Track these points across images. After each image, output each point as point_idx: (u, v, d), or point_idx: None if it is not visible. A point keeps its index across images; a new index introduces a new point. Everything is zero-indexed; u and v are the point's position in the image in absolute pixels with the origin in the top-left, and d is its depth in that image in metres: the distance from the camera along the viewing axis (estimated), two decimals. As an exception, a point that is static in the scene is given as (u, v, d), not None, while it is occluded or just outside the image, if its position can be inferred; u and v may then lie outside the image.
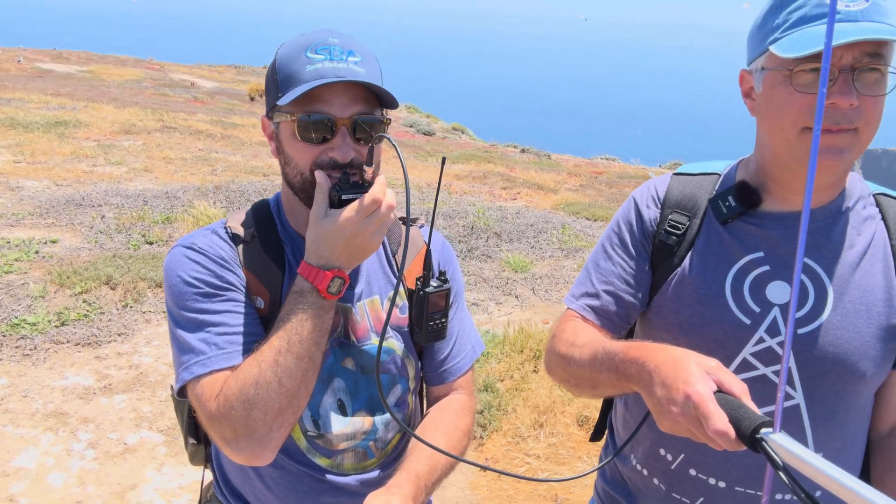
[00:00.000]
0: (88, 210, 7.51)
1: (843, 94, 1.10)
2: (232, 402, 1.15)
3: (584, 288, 1.47)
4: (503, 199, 10.86)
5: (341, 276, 1.19)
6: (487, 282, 6.58)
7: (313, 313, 1.18)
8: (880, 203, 1.34)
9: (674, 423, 0.97)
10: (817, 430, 1.30)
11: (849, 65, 1.11)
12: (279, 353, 1.16)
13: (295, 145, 1.23)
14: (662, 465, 1.43)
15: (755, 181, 1.33)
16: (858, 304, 1.27)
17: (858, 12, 1.11)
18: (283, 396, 1.16)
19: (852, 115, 1.12)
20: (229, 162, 11.47)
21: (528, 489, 3.58)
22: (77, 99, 17.80)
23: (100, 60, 32.15)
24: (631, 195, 1.49)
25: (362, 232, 1.17)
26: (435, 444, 1.33)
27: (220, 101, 23.43)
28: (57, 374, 4.28)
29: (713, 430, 0.89)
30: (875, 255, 1.29)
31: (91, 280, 5.40)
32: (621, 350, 1.17)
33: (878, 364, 1.28)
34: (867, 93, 1.12)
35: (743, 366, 1.30)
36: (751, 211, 1.32)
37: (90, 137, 12.36)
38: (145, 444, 3.69)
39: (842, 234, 1.29)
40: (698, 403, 0.92)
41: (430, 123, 25.63)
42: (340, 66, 1.19)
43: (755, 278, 1.29)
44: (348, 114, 1.20)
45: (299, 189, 1.27)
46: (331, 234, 1.16)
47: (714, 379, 0.96)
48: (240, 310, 1.25)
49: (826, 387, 1.28)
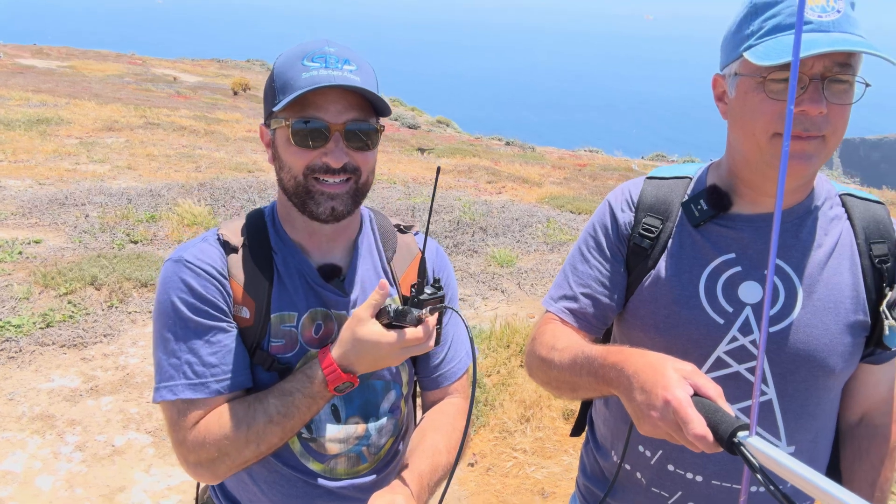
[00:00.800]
0: (72, 209, 7.46)
1: (814, 102, 1.14)
2: (207, 443, 1.23)
3: (562, 291, 1.50)
4: (488, 193, 10.89)
5: (353, 381, 1.23)
6: (474, 277, 6.61)
7: (313, 402, 1.23)
8: (846, 203, 1.38)
9: (653, 428, 1.00)
10: (789, 424, 1.35)
11: (819, 74, 1.14)
12: (270, 423, 1.22)
13: (289, 150, 1.25)
14: (642, 461, 1.47)
15: (726, 185, 1.37)
16: (827, 302, 1.31)
17: (830, 23, 1.14)
18: (254, 455, 1.25)
19: (821, 123, 1.16)
20: (213, 158, 11.41)
21: (516, 483, 3.63)
22: (58, 95, 17.62)
23: (81, 56, 31.83)
24: (606, 199, 1.52)
25: (393, 356, 1.20)
26: (434, 447, 1.37)
27: (204, 96, 23.28)
28: (43, 377, 4.27)
29: (692, 434, 0.91)
30: (842, 254, 1.34)
31: (76, 281, 5.38)
32: (600, 355, 1.20)
33: (847, 359, 1.33)
34: (836, 101, 1.15)
35: (717, 364, 1.33)
36: (722, 214, 1.35)
37: (72, 135, 12.26)
38: (133, 445, 3.69)
39: (810, 235, 1.33)
40: (677, 409, 0.94)
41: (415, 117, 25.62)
42: (335, 73, 1.21)
43: (727, 279, 1.33)
44: (342, 120, 1.23)
45: (293, 194, 1.29)
46: (367, 345, 1.18)
47: (691, 383, 0.99)
48: (215, 339, 1.27)
49: (797, 382, 1.32)
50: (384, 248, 1.48)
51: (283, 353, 1.33)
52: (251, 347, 1.32)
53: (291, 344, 1.33)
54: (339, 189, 1.27)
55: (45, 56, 30.01)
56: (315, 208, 1.27)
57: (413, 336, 1.16)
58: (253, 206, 8.04)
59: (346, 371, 1.20)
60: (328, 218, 1.29)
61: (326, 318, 1.36)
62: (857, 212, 1.37)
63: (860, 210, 1.38)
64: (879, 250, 1.34)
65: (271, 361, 1.32)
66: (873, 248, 1.34)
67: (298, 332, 1.34)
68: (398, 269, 1.48)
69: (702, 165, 1.48)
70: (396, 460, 1.52)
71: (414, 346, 1.18)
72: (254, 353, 1.32)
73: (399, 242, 1.51)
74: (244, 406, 1.24)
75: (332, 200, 1.27)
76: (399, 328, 1.17)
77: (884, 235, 1.36)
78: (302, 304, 1.34)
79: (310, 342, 1.35)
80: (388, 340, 1.16)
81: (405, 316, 1.16)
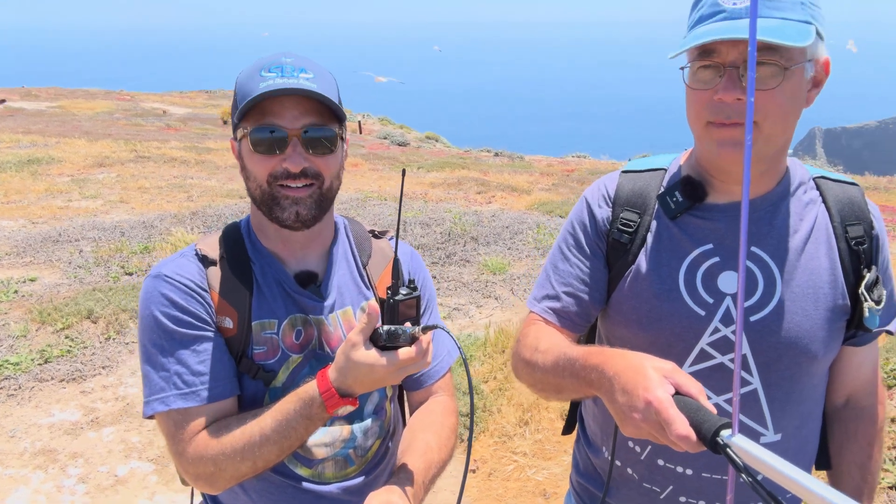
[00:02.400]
0: (66, 245, 7.50)
1: (727, 90, 1.15)
2: (205, 458, 1.26)
3: (544, 290, 1.49)
4: (478, 204, 10.95)
5: (353, 404, 1.24)
6: (467, 286, 6.65)
7: (311, 423, 1.25)
8: (820, 186, 1.37)
9: (636, 429, 1.00)
10: (775, 412, 1.34)
11: (734, 61, 1.15)
12: (266, 441, 1.25)
13: (252, 158, 1.29)
14: (633, 457, 1.47)
15: (698, 175, 1.36)
16: (806, 288, 1.30)
17: (743, 9, 1.14)
18: (251, 471, 1.27)
19: (743, 109, 1.15)
20: (205, 187, 11.47)
21: (517, 486, 3.65)
22: (48, 135, 17.70)
23: (70, 95, 31.97)
24: (583, 195, 1.51)
25: (389, 377, 1.20)
26: (426, 445, 1.38)
27: (194, 127, 23.38)
28: (43, 412, 4.30)
29: (675, 434, 0.91)
30: (818, 239, 1.33)
31: (72, 315, 5.41)
32: (581, 356, 1.19)
33: (828, 344, 1.33)
34: (760, 87, 1.14)
35: (701, 356, 1.33)
36: (697, 204, 1.34)
37: (64, 173, 12.31)
38: (136, 474, 3.71)
39: (785, 221, 1.32)
40: (659, 409, 0.94)
41: (404, 134, 25.72)
42: (290, 81, 1.24)
43: (706, 270, 1.33)
44: (299, 125, 1.27)
45: (260, 202, 1.33)
46: (363, 369, 1.18)
47: (672, 382, 0.98)
48: (201, 348, 1.31)
49: (781, 370, 1.32)
50: (359, 254, 1.52)
51: (266, 360, 1.36)
52: (237, 356, 1.35)
53: (273, 350, 1.37)
54: (301, 193, 1.30)
55: (34, 98, 30.15)
56: (280, 213, 1.31)
57: (407, 357, 1.17)
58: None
59: (343, 395, 1.21)
60: (294, 223, 1.32)
61: (306, 323, 1.40)
62: (832, 194, 1.36)
63: (835, 192, 1.36)
64: (855, 232, 1.33)
65: (256, 370, 1.35)
66: (849, 231, 1.33)
67: (280, 339, 1.37)
68: (374, 273, 1.51)
69: (675, 156, 1.47)
70: (385, 461, 1.54)
71: (409, 365, 1.18)
72: (239, 361, 1.35)
73: (374, 247, 1.54)
74: (241, 424, 1.27)
75: (296, 205, 1.30)
76: (393, 349, 1.18)
77: (859, 217, 1.35)
78: (281, 312, 1.38)
79: (291, 348, 1.38)
80: (383, 363, 1.17)
81: (398, 337, 1.17)
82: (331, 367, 1.23)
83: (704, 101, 1.21)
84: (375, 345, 1.18)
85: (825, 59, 1.22)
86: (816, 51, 1.19)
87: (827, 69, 1.23)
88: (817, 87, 1.24)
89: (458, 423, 1.54)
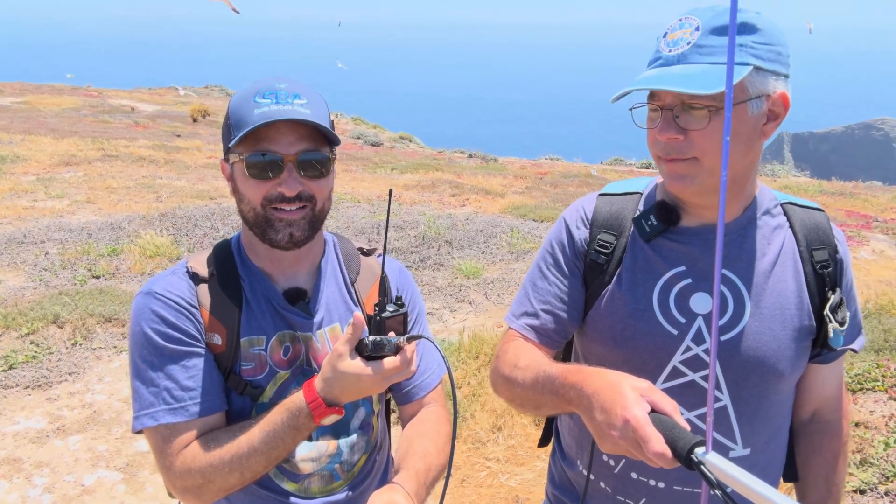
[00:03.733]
0: (31, 247, 7.35)
1: (662, 131, 1.23)
2: (193, 471, 1.27)
3: (523, 307, 1.52)
4: (452, 207, 10.96)
5: (339, 413, 1.26)
6: (441, 290, 6.66)
7: (298, 433, 1.26)
8: (787, 212, 1.43)
9: (614, 445, 1.03)
10: (744, 428, 1.39)
11: (671, 104, 1.22)
12: (254, 452, 1.26)
13: (246, 183, 1.32)
14: (606, 470, 1.50)
15: (671, 200, 1.41)
16: (774, 310, 1.36)
17: (675, 56, 1.22)
18: (239, 482, 1.29)
19: (681, 147, 1.23)
20: (174, 187, 11.31)
21: (490, 493, 3.66)
22: (13, 132, 17.30)
23: (35, 90, 31.28)
24: (561, 216, 1.56)
25: (375, 386, 1.22)
26: (424, 449, 1.41)
27: (163, 125, 23.04)
28: (7, 420, 4.20)
29: (652, 451, 0.94)
30: (786, 262, 1.38)
31: (37, 320, 5.30)
32: (560, 374, 1.22)
33: (794, 362, 1.38)
34: (692, 127, 1.21)
35: (673, 373, 1.37)
36: (671, 228, 1.40)
37: (29, 172, 12.06)
38: (103, 483, 3.65)
39: (753, 245, 1.37)
40: (636, 427, 0.97)
41: (378, 134, 25.64)
42: (286, 108, 1.28)
43: (679, 291, 1.38)
44: (294, 151, 1.30)
45: (253, 224, 1.36)
46: (349, 379, 1.20)
47: (648, 400, 1.01)
48: (191, 363, 1.33)
49: (750, 387, 1.37)
50: (348, 271, 1.54)
51: (254, 376, 1.39)
52: (225, 372, 1.37)
53: (261, 367, 1.39)
54: (295, 216, 1.33)
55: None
56: (274, 236, 1.34)
57: (392, 366, 1.19)
58: (216, 233, 7.99)
59: (330, 404, 1.23)
60: (287, 244, 1.35)
61: (294, 340, 1.42)
62: (798, 220, 1.42)
63: (801, 218, 1.42)
64: (820, 256, 1.39)
65: (244, 386, 1.38)
66: (814, 255, 1.39)
67: (268, 355, 1.40)
68: (362, 290, 1.54)
69: (651, 180, 1.52)
70: (371, 476, 1.57)
71: (394, 374, 1.21)
72: (227, 377, 1.37)
73: (362, 265, 1.57)
74: (229, 436, 1.29)
75: (290, 227, 1.33)
76: (378, 359, 1.20)
77: (824, 241, 1.41)
78: (270, 328, 1.40)
79: (279, 364, 1.41)
80: (368, 373, 1.19)
81: (383, 347, 1.20)
82: (317, 378, 1.25)
83: (653, 139, 1.28)
84: (361, 355, 1.21)
85: (779, 93, 1.25)
86: (765, 87, 1.23)
87: (785, 103, 1.26)
88: (775, 121, 1.28)
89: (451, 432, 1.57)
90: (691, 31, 1.21)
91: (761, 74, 1.21)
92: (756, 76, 1.20)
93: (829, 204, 13.06)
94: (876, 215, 12.13)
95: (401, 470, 1.35)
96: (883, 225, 10.99)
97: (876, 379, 4.30)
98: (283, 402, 1.27)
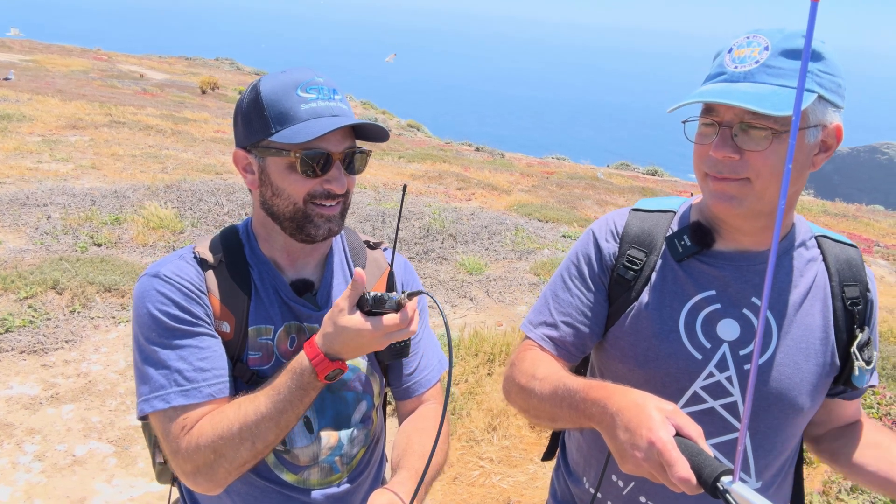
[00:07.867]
0: (33, 210, 7.30)
1: (717, 148, 1.20)
2: (202, 447, 1.23)
3: (542, 317, 1.49)
4: (458, 200, 10.93)
5: (343, 367, 1.25)
6: (443, 284, 6.63)
7: (305, 393, 1.24)
8: (821, 245, 1.41)
9: (636, 467, 1.01)
10: (759, 461, 1.38)
11: (730, 121, 1.19)
12: (262, 419, 1.22)
13: (289, 178, 1.30)
14: (615, 491, 1.49)
15: (707, 221, 1.39)
16: (800, 343, 1.34)
17: (741, 74, 1.19)
18: (251, 454, 1.24)
19: (735, 167, 1.20)
20: (181, 159, 11.25)
21: (482, 492, 3.65)
22: (20, 90, 17.21)
23: (45, 50, 31.13)
24: (590, 228, 1.53)
25: (375, 343, 1.21)
26: (423, 448, 1.40)
27: (171, 94, 22.94)
28: (1, 384, 4.17)
29: (677, 476, 0.93)
30: (816, 296, 1.36)
31: (36, 284, 5.27)
32: (582, 389, 1.20)
33: (814, 398, 1.37)
34: (750, 148, 1.18)
35: (693, 399, 1.35)
36: (704, 250, 1.37)
37: (35, 132, 11.99)
38: (95, 455, 3.63)
39: (787, 276, 1.36)
40: (662, 451, 0.95)
41: (386, 120, 25.60)
42: (332, 104, 1.30)
43: (707, 315, 1.35)
44: (341, 149, 1.31)
45: (289, 219, 1.34)
46: (349, 334, 1.20)
47: (673, 423, 1.00)
48: (203, 345, 1.30)
49: (769, 420, 1.35)
50: (354, 264, 1.54)
51: (260, 366, 1.38)
52: (232, 361, 1.35)
53: (268, 356, 1.38)
54: (334, 211, 1.35)
55: (7, 49, 29.28)
56: (314, 231, 1.34)
57: (391, 322, 1.19)
58: (220, 209, 7.95)
59: (332, 359, 1.22)
60: (325, 239, 1.36)
61: (300, 331, 1.41)
62: (832, 254, 1.40)
63: (835, 252, 1.40)
64: (852, 293, 1.37)
65: (250, 375, 1.36)
66: (846, 291, 1.37)
67: (275, 346, 1.39)
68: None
69: (685, 200, 1.50)
70: (369, 469, 1.57)
71: (395, 331, 1.20)
72: (234, 365, 1.36)
73: (368, 258, 1.56)
74: (235, 406, 1.26)
75: (329, 223, 1.34)
76: (379, 315, 1.20)
77: (856, 278, 1.39)
78: (277, 318, 1.39)
79: (285, 354, 1.39)
80: (368, 328, 1.18)
81: (384, 303, 1.19)
82: (317, 334, 1.24)
83: (703, 155, 1.25)
84: (361, 310, 1.20)
85: (835, 125, 1.23)
86: (823, 117, 1.21)
87: (839, 135, 1.24)
88: (826, 152, 1.26)
89: (449, 430, 1.56)
90: (760, 49, 1.19)
91: (822, 104, 1.19)
92: (818, 105, 1.19)
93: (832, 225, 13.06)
94: (877, 240, 12.14)
95: (401, 468, 1.34)
96: (884, 250, 11.00)
97: (871, 406, 4.29)
98: (287, 366, 1.26)
